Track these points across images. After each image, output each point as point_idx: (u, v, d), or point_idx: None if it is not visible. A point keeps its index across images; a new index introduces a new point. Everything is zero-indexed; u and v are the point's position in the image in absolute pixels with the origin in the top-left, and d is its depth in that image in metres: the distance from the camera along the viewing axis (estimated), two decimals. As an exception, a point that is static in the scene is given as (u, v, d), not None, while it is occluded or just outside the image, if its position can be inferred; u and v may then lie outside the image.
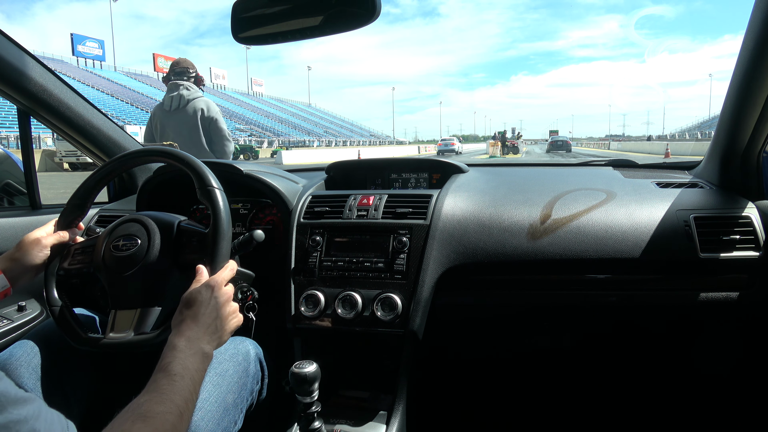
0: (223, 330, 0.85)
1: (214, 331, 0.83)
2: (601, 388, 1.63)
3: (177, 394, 0.69)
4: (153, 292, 0.96)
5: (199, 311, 0.82)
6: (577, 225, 1.22)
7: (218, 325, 0.84)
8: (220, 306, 0.85)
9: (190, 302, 0.84)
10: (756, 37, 1.03)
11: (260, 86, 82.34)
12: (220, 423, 0.88)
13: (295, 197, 1.40)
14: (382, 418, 1.15)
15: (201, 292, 0.85)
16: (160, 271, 0.97)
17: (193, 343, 0.78)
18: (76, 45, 53.26)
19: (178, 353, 0.75)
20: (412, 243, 1.21)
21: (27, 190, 1.56)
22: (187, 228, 1.02)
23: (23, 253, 0.97)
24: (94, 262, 1.00)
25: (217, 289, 0.87)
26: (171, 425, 0.65)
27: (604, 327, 1.43)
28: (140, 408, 0.65)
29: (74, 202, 1.06)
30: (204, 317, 0.82)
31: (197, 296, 0.84)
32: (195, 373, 0.75)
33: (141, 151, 1.13)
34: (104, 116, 1.60)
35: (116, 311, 0.95)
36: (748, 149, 1.26)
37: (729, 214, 1.23)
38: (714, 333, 1.45)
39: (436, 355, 1.48)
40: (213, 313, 0.84)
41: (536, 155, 34.67)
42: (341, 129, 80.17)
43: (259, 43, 1.05)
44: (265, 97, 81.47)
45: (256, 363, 1.04)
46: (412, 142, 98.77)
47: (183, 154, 1.04)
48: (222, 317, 0.85)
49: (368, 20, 0.94)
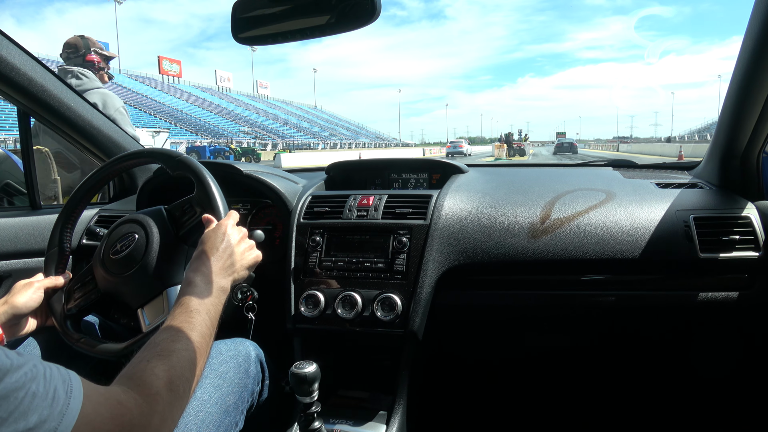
0: (239, 264, 0.88)
1: (230, 265, 0.85)
2: (601, 388, 1.63)
3: (194, 330, 0.71)
4: (169, 271, 0.98)
5: (213, 246, 0.85)
6: (577, 225, 1.22)
7: (234, 259, 0.87)
8: (235, 242, 0.88)
9: (204, 240, 0.87)
10: (756, 37, 1.03)
11: (266, 89, 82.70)
12: (221, 425, 0.88)
13: (294, 197, 1.40)
14: (382, 418, 1.15)
15: (215, 230, 0.89)
16: (168, 251, 0.98)
17: (208, 277, 0.80)
18: None
19: (194, 288, 0.77)
20: (412, 243, 1.21)
21: (27, 190, 1.56)
22: (173, 205, 1.04)
23: (15, 297, 0.95)
24: (98, 281, 1.00)
25: (230, 227, 0.90)
26: (188, 361, 0.66)
27: (604, 327, 1.43)
28: (157, 347, 0.66)
29: (51, 249, 1.06)
30: (219, 252, 0.85)
31: (211, 234, 0.88)
32: (211, 308, 0.76)
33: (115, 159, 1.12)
34: (104, 116, 1.60)
35: (143, 308, 0.96)
36: (748, 149, 1.26)
37: (729, 215, 1.23)
38: (713, 333, 1.45)
39: (435, 355, 1.48)
40: (228, 248, 0.87)
41: (543, 157, 34.57)
42: (346, 131, 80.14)
43: (259, 43, 1.05)
44: (271, 100, 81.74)
45: (257, 364, 1.04)
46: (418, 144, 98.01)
47: (147, 149, 1.08)
48: (237, 252, 0.88)
49: (368, 20, 0.93)
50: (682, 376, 1.56)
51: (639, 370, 1.61)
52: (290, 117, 70.85)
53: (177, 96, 55.30)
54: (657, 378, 1.60)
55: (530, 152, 40.26)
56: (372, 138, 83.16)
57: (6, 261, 1.40)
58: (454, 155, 36.35)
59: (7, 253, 1.40)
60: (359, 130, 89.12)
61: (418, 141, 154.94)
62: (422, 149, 49.80)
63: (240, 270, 0.88)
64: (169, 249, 0.99)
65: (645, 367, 1.60)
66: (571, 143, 41.11)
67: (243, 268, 0.89)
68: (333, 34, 0.97)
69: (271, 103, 78.72)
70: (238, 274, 0.88)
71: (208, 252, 0.85)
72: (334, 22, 0.95)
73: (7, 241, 1.40)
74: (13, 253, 1.41)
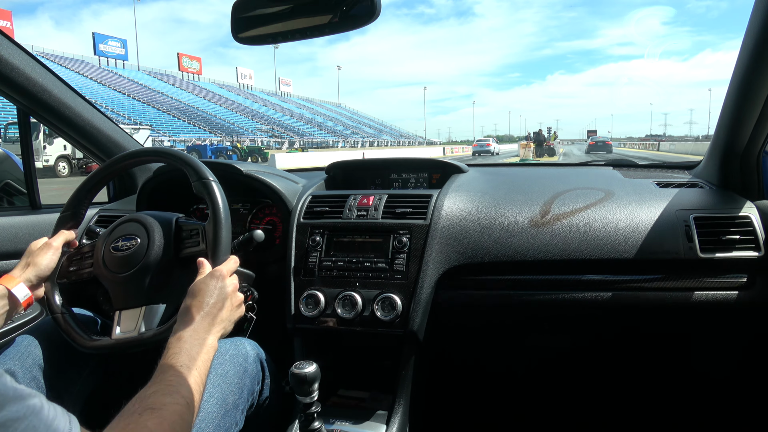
0: (228, 321, 0.86)
1: (219, 321, 0.83)
2: (602, 388, 1.63)
3: (183, 385, 0.70)
4: (156, 289, 0.97)
5: (203, 301, 0.83)
6: (577, 224, 1.22)
7: (222, 316, 0.84)
8: (225, 296, 0.86)
9: (194, 293, 0.84)
10: (756, 37, 1.03)
11: (288, 86, 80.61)
12: (221, 424, 0.88)
13: (294, 197, 1.40)
14: (382, 418, 1.15)
15: (206, 282, 0.86)
16: (162, 268, 0.97)
17: (199, 333, 0.79)
18: (98, 44, 51.54)
19: (184, 344, 0.76)
20: (412, 243, 1.21)
21: (27, 190, 1.56)
22: (185, 223, 1.02)
23: (37, 259, 0.96)
24: (94, 266, 1.00)
25: (222, 279, 0.87)
26: (179, 416, 0.65)
27: (604, 327, 1.43)
28: (147, 400, 0.65)
29: (65, 213, 1.06)
30: (209, 307, 0.83)
31: (202, 287, 0.85)
32: (201, 364, 0.75)
33: (133, 153, 1.13)
34: (104, 116, 1.60)
35: (121, 311, 0.95)
36: (748, 149, 1.26)
37: (729, 214, 1.23)
38: (714, 333, 1.45)
39: (435, 355, 1.48)
40: (219, 303, 0.84)
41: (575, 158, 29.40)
42: (369, 129, 77.48)
43: (259, 43, 1.05)
44: (293, 97, 79.72)
45: (257, 363, 1.04)
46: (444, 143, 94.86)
47: (175, 151, 1.06)
48: (226, 307, 0.85)
49: (368, 20, 0.93)
50: (682, 376, 1.56)
51: (639, 370, 1.61)
52: (312, 115, 68.84)
53: (195, 93, 53.79)
54: (657, 378, 1.60)
55: (560, 151, 35.30)
56: (396, 136, 79.71)
57: (6, 261, 1.40)
58: (481, 154, 33.72)
59: (7, 253, 1.40)
60: (383, 128, 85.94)
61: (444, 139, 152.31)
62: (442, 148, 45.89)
63: (228, 326, 0.87)
64: (164, 266, 0.98)
65: (645, 367, 1.60)
66: (604, 142, 37.55)
67: (231, 323, 0.88)
68: (333, 33, 0.97)
69: (294, 101, 76.62)
70: (225, 330, 0.86)
71: (197, 307, 0.82)
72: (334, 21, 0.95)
73: (7, 241, 1.40)
74: (13, 253, 1.41)
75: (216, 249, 0.93)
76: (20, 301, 0.92)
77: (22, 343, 0.95)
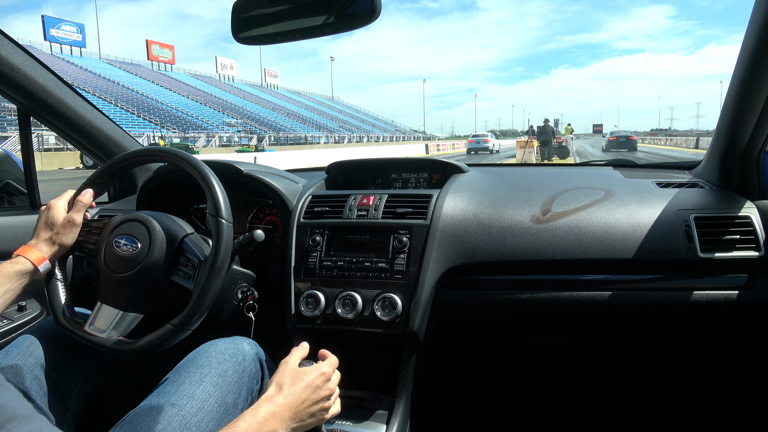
0: (308, 420, 0.84)
1: (299, 420, 0.82)
2: (603, 387, 1.63)
3: None
4: (139, 299, 0.96)
5: (301, 397, 0.82)
6: (577, 224, 1.22)
7: (305, 419, 0.83)
8: (319, 399, 0.85)
9: (296, 378, 0.84)
10: (756, 37, 1.03)
11: (275, 78, 76.30)
12: (220, 423, 0.88)
13: (295, 197, 1.40)
14: (382, 418, 1.15)
15: (312, 373, 0.86)
16: (151, 282, 0.96)
17: (272, 423, 0.77)
18: (49, 28, 46.02)
19: (254, 422, 0.75)
20: (412, 243, 1.21)
21: (27, 190, 1.56)
22: (188, 247, 1.00)
23: (63, 238, 0.98)
24: (96, 246, 1.00)
25: (326, 381, 0.88)
26: None
27: (604, 327, 1.43)
28: None
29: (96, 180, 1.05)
30: (302, 406, 0.82)
31: (304, 378, 0.85)
32: None
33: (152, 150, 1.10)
34: (104, 116, 1.60)
35: (101, 305, 0.96)
36: (748, 149, 1.26)
37: (729, 214, 1.23)
38: (714, 333, 1.45)
39: (436, 355, 1.48)
40: (312, 407, 0.84)
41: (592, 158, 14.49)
42: (362, 124, 71.95)
43: (260, 42, 1.05)
44: (280, 90, 75.37)
45: (256, 363, 1.04)
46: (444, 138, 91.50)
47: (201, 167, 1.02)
48: (313, 413, 0.84)
49: (368, 20, 0.94)
50: (682, 375, 1.56)
51: (640, 369, 1.61)
52: (299, 108, 64.39)
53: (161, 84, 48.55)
54: (658, 378, 1.60)
55: (574, 149, 23.56)
56: (391, 131, 74.95)
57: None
58: (478, 152, 29.25)
59: (7, 253, 1.39)
60: (377, 123, 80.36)
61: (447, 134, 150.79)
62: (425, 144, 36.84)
63: (303, 427, 0.84)
64: (154, 280, 0.97)
65: (646, 366, 1.60)
66: (628, 137, 28.42)
67: (306, 426, 0.85)
68: (333, 33, 0.97)
69: (280, 93, 71.91)
70: (300, 429, 0.83)
71: (292, 398, 0.81)
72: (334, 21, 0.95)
73: (7, 241, 1.40)
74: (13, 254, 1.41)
75: (202, 296, 0.91)
76: (41, 274, 0.95)
77: (23, 343, 0.95)
